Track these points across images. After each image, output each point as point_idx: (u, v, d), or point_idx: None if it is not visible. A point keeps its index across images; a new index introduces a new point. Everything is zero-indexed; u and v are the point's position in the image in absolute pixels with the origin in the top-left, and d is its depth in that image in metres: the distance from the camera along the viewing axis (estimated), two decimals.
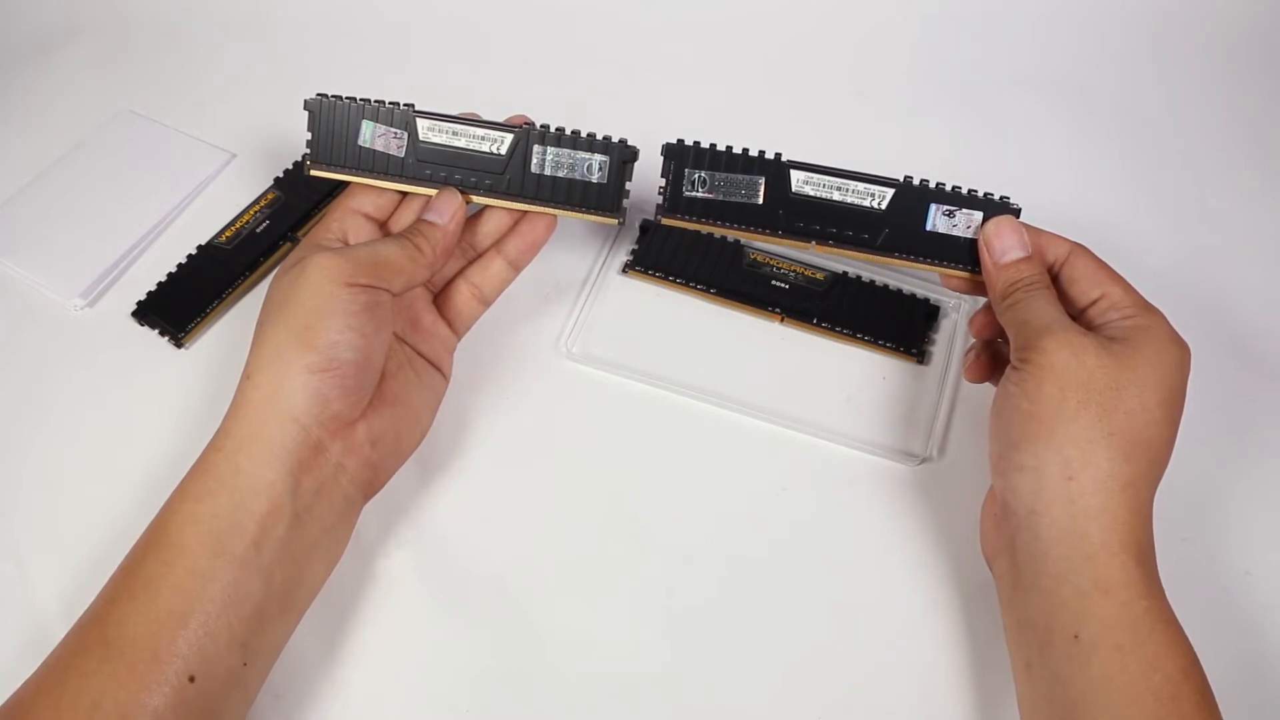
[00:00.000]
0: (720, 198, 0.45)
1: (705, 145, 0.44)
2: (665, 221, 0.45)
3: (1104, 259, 0.41)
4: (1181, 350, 0.38)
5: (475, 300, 0.47)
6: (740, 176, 0.44)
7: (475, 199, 0.45)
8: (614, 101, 0.60)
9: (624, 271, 0.53)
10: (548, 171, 0.45)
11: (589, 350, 0.50)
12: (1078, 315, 0.40)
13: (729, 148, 0.44)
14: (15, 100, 0.62)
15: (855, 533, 0.44)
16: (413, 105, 0.44)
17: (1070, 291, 0.41)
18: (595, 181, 0.45)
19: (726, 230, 0.45)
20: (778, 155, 0.44)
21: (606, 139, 0.44)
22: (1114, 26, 0.66)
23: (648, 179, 0.46)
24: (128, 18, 0.66)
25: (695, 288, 0.51)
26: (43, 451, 0.47)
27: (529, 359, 0.50)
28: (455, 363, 0.48)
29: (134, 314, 0.51)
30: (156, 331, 0.50)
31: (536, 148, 0.44)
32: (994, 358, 0.45)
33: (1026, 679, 0.36)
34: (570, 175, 0.45)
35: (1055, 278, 0.41)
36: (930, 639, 0.41)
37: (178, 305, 0.51)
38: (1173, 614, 0.35)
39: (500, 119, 0.45)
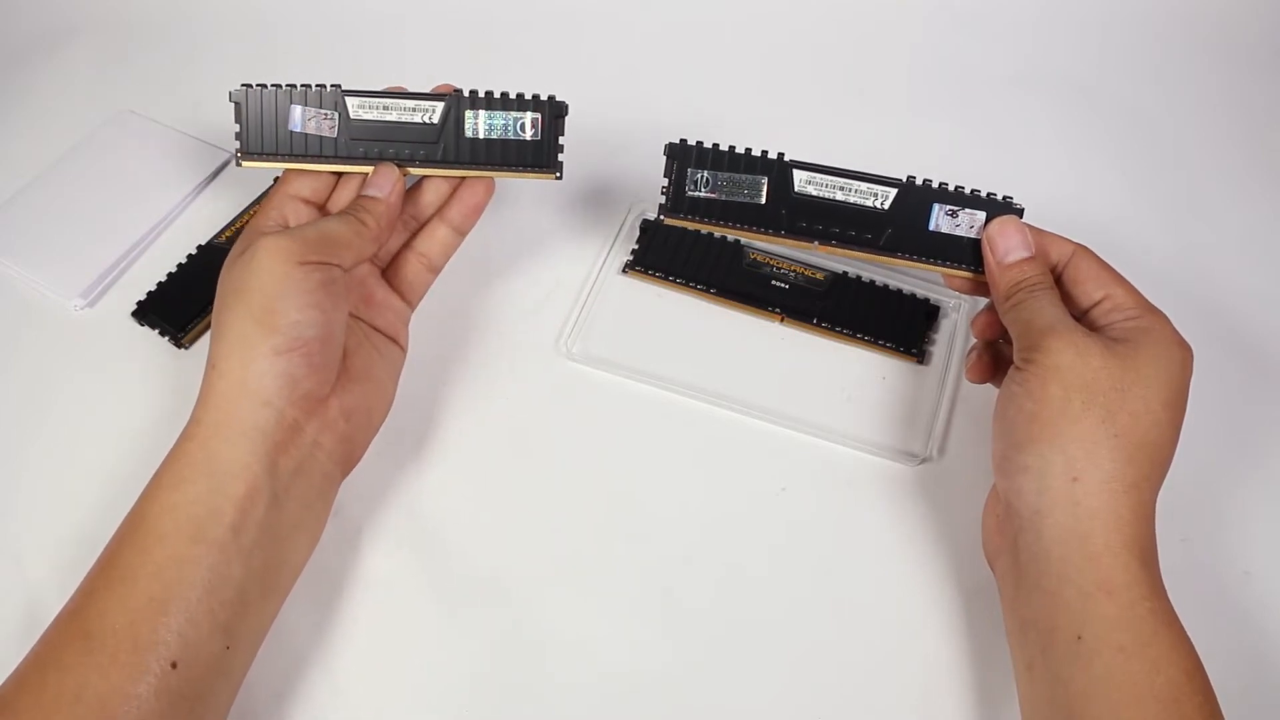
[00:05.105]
0: (723, 197, 0.44)
1: (708, 145, 0.44)
2: (668, 221, 0.45)
3: (1104, 259, 0.41)
4: (1184, 352, 0.38)
5: (424, 269, 0.47)
6: (743, 176, 0.44)
7: (412, 171, 0.45)
8: (615, 100, 0.60)
9: (624, 271, 0.52)
10: (481, 135, 0.45)
11: (589, 350, 0.50)
12: (1081, 316, 0.40)
13: (732, 147, 0.44)
14: (15, 100, 0.62)
15: (855, 533, 0.44)
16: (340, 85, 0.44)
17: (1073, 292, 0.41)
18: (529, 140, 0.45)
19: (729, 230, 0.45)
20: (780, 155, 0.44)
21: (535, 97, 0.45)
22: (1114, 26, 0.67)
23: (652, 177, 0.46)
24: (127, 18, 0.66)
25: (695, 288, 0.51)
26: (43, 451, 0.47)
27: (529, 359, 0.50)
28: (455, 362, 0.48)
29: (134, 314, 0.51)
30: (156, 331, 0.50)
31: (469, 113, 0.45)
32: (996, 358, 0.45)
33: (1028, 680, 0.36)
34: (504, 136, 0.45)
35: (1058, 279, 0.41)
36: (930, 639, 0.41)
37: (178, 305, 0.51)
38: (1176, 616, 0.35)
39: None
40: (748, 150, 0.44)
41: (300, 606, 0.41)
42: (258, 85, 0.44)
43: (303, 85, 0.44)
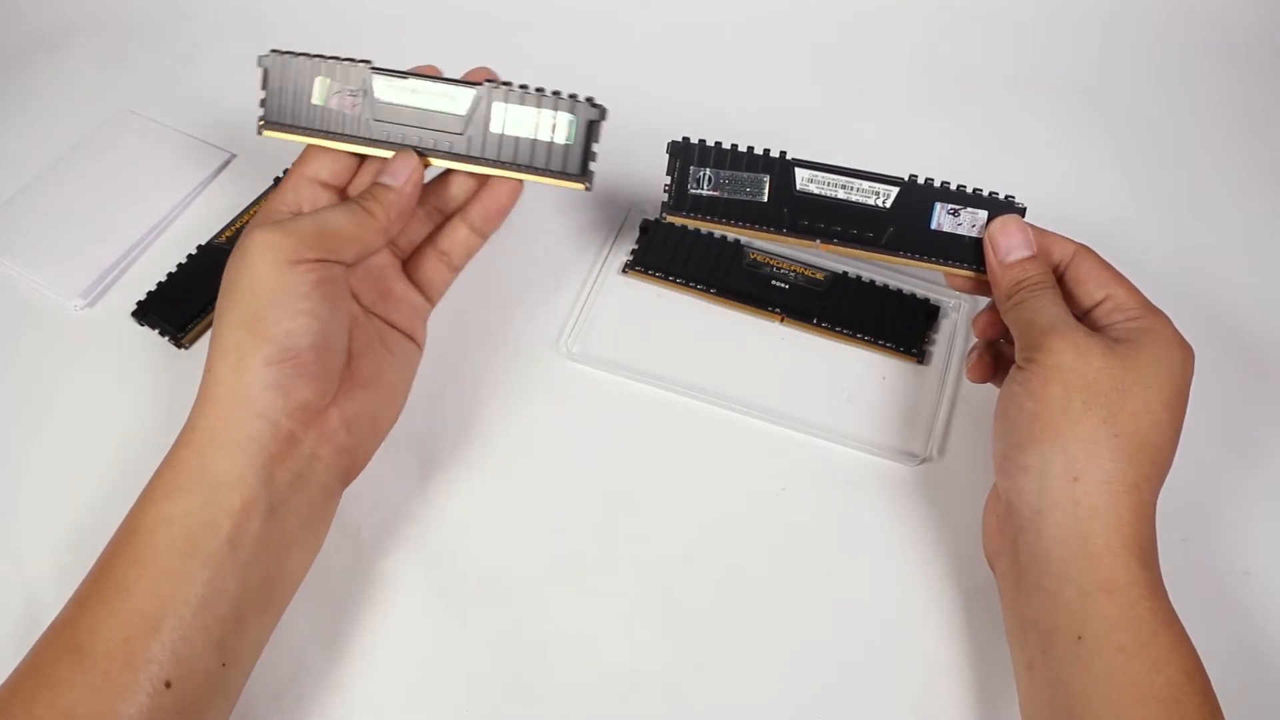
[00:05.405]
0: (725, 195, 0.44)
1: (710, 143, 0.44)
2: (670, 219, 0.45)
3: (1105, 259, 0.41)
4: (1185, 352, 0.38)
5: (445, 267, 0.45)
6: (745, 174, 0.44)
7: (435, 162, 0.43)
8: (615, 100, 0.60)
9: (624, 271, 0.52)
10: (509, 132, 0.42)
11: (589, 350, 0.50)
12: (1082, 316, 0.40)
13: (734, 145, 0.44)
14: (15, 100, 0.62)
15: (855, 533, 0.44)
16: (369, 61, 0.42)
17: (1075, 292, 0.41)
18: (560, 143, 0.42)
19: (731, 228, 0.45)
20: (783, 153, 0.44)
21: (572, 96, 0.42)
22: (1114, 26, 0.67)
23: (652, 178, 0.46)
24: (127, 18, 0.66)
25: (695, 288, 0.51)
26: (43, 452, 0.46)
27: (529, 359, 0.49)
28: (455, 362, 0.48)
29: (134, 314, 0.51)
30: (156, 331, 0.50)
31: (498, 105, 0.42)
32: (997, 358, 0.45)
33: (1028, 680, 0.36)
34: (534, 136, 0.42)
35: (1060, 278, 0.41)
36: (930, 639, 0.41)
37: (178, 305, 0.51)
38: (1176, 616, 0.35)
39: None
40: (750, 148, 0.44)
41: (300, 606, 0.41)
42: (287, 52, 0.42)
43: (330, 57, 0.42)
